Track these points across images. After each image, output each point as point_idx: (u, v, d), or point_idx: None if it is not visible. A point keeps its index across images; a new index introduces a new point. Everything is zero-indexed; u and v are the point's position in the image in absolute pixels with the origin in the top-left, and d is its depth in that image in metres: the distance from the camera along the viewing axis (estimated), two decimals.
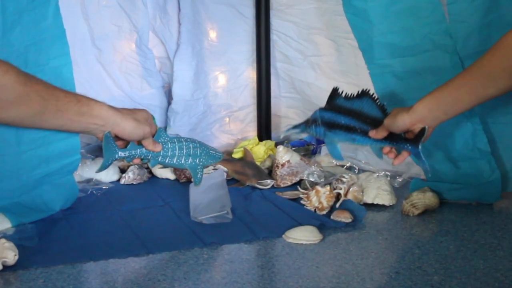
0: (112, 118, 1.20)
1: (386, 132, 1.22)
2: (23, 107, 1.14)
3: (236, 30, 1.92)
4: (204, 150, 1.28)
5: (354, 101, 1.25)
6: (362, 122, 1.24)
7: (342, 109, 1.25)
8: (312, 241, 1.23)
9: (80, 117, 1.18)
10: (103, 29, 1.76)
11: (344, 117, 1.25)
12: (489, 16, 1.32)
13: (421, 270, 1.10)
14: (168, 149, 1.24)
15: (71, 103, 1.17)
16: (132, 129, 1.21)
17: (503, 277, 1.06)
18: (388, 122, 1.20)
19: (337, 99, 1.26)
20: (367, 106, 1.24)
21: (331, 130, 1.25)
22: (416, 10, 1.38)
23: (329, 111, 1.26)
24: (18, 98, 1.13)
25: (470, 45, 1.35)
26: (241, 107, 1.97)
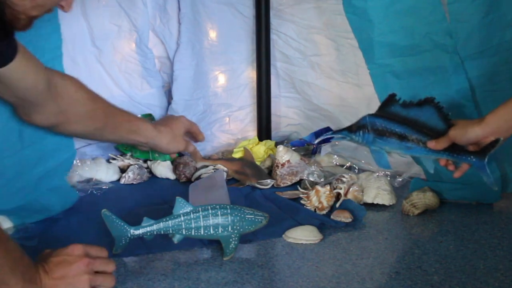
0: (153, 138, 1.41)
1: (448, 144, 1.16)
2: (89, 122, 1.30)
3: (236, 30, 1.92)
4: (238, 216, 1.14)
5: (412, 109, 1.19)
6: (419, 131, 1.18)
7: (396, 116, 1.19)
8: (312, 241, 1.23)
9: (129, 135, 1.39)
10: (103, 28, 1.75)
11: (398, 125, 1.19)
12: (489, 15, 1.32)
13: (421, 270, 1.10)
14: (190, 221, 1.11)
15: (125, 122, 1.37)
16: (167, 149, 1.46)
17: (503, 277, 1.06)
18: (455, 134, 1.14)
19: (392, 105, 1.20)
20: (428, 115, 1.18)
21: (382, 137, 1.19)
22: (416, 9, 1.38)
23: (381, 117, 1.20)
24: (86, 113, 1.29)
25: (470, 45, 1.35)
26: (241, 106, 1.97)
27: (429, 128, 1.18)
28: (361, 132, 1.21)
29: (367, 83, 1.58)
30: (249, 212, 1.16)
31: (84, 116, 1.29)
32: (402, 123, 1.19)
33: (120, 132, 1.37)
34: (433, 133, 1.17)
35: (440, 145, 1.17)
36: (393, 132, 1.19)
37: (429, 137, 1.17)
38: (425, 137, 1.18)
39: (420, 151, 1.19)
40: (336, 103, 1.85)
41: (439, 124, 1.17)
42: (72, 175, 1.57)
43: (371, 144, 1.21)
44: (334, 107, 1.86)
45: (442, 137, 1.16)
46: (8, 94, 1.17)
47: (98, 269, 0.99)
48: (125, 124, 1.37)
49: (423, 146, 1.18)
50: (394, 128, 1.19)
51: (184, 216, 1.11)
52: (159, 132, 1.41)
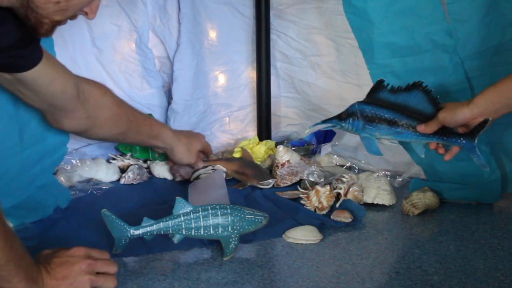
0: (171, 144, 1.47)
1: (438, 127, 1.17)
2: (114, 126, 1.34)
3: (236, 30, 1.92)
4: (237, 216, 1.13)
5: (401, 94, 1.20)
6: (408, 116, 1.19)
7: (385, 102, 1.20)
8: (312, 241, 1.23)
9: (150, 139, 1.45)
10: (103, 28, 1.75)
11: (387, 111, 1.20)
12: (489, 15, 1.32)
13: (421, 270, 1.10)
14: (190, 221, 1.11)
15: (146, 127, 1.42)
16: (181, 158, 1.52)
17: (503, 277, 1.06)
18: (444, 116, 1.16)
19: (380, 91, 1.22)
20: (416, 99, 1.19)
21: (372, 124, 1.20)
22: (416, 9, 1.37)
23: (370, 104, 1.21)
24: (111, 118, 1.32)
25: (470, 45, 1.35)
26: (241, 106, 1.97)
27: (418, 112, 1.18)
28: (350, 120, 1.21)
29: (367, 83, 1.58)
30: (249, 212, 1.15)
31: (109, 121, 1.33)
32: (391, 108, 1.19)
33: (141, 136, 1.42)
34: (422, 117, 1.18)
35: (429, 128, 1.17)
36: (383, 118, 1.19)
37: (419, 121, 1.18)
38: (415, 122, 1.18)
39: (410, 136, 1.19)
40: (336, 103, 1.85)
41: (428, 108, 1.18)
42: (72, 175, 1.57)
43: (361, 131, 1.21)
44: (334, 107, 1.85)
45: (431, 120, 1.17)
46: (36, 101, 1.20)
47: (100, 270, 0.99)
48: (146, 128, 1.42)
49: (412, 131, 1.18)
50: (384, 114, 1.19)
51: (184, 216, 1.11)
52: (178, 140, 1.48)
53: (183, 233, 1.12)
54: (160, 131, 1.45)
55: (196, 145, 1.53)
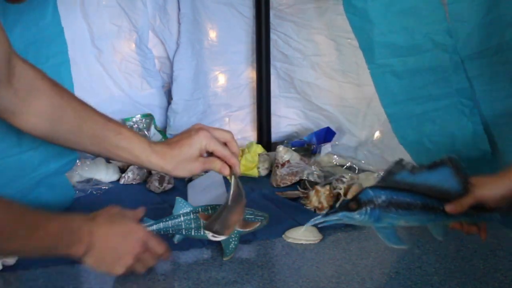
0: (150, 162, 1.10)
1: (471, 204, 1.02)
2: (57, 120, 1.09)
3: (236, 30, 1.92)
4: None
5: (423, 173, 1.03)
6: (432, 196, 1.03)
7: (403, 183, 1.02)
8: (312, 241, 1.22)
9: (118, 151, 1.10)
10: (103, 29, 1.76)
11: (407, 193, 1.02)
12: (489, 15, 1.32)
13: (421, 270, 1.10)
14: (190, 221, 1.09)
15: (109, 133, 1.10)
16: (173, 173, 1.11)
17: (503, 277, 1.06)
18: (483, 193, 1.01)
19: (398, 173, 1.02)
20: (441, 176, 1.03)
21: (391, 211, 1.01)
22: (416, 9, 1.37)
23: (385, 188, 1.01)
24: (49, 108, 1.08)
25: (470, 45, 1.35)
26: (240, 107, 1.97)
27: (442, 191, 1.02)
28: (367, 209, 0.99)
29: (367, 83, 1.58)
30: (249, 212, 1.15)
31: (46, 111, 1.07)
32: (411, 190, 1.02)
33: (104, 144, 1.10)
34: (445, 195, 1.03)
35: (461, 207, 1.02)
36: (404, 202, 1.01)
37: (444, 200, 1.03)
38: (440, 201, 1.03)
39: (437, 218, 1.04)
40: (336, 103, 1.85)
41: (454, 184, 1.02)
42: (72, 175, 1.57)
43: (378, 221, 1.02)
44: (334, 107, 1.86)
45: (462, 198, 1.02)
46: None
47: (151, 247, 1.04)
48: (110, 135, 1.09)
49: (439, 212, 1.03)
50: (404, 198, 1.01)
51: (184, 216, 1.11)
52: (161, 158, 1.09)
53: (183, 233, 1.12)
54: (133, 143, 1.09)
55: (191, 151, 1.09)
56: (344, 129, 1.84)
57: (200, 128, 1.10)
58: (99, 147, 1.10)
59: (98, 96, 1.79)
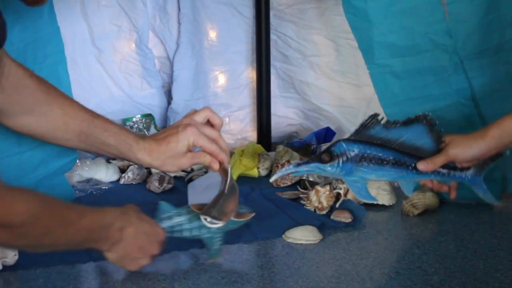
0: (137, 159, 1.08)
1: (443, 163, 1.03)
2: (43, 117, 1.07)
3: (236, 30, 1.92)
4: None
5: (397, 129, 1.03)
6: (404, 153, 1.03)
7: (376, 139, 1.02)
8: (312, 241, 1.22)
9: (105, 147, 1.09)
10: (103, 29, 1.76)
11: (380, 149, 1.02)
12: (489, 16, 1.32)
13: (421, 270, 1.10)
14: (176, 223, 1.08)
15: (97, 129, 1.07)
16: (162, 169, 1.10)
17: (503, 277, 1.06)
18: (457, 152, 1.03)
19: (372, 128, 1.02)
20: (415, 134, 1.03)
21: (363, 165, 1.01)
22: (416, 10, 1.38)
23: (358, 142, 1.02)
24: (39, 106, 1.07)
25: (470, 45, 1.35)
26: (240, 107, 1.97)
27: (415, 148, 1.03)
28: (338, 162, 1.00)
29: (367, 83, 1.58)
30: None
31: (34, 109, 1.06)
32: (384, 146, 1.03)
33: (91, 141, 1.08)
34: (420, 153, 1.04)
35: (433, 165, 1.03)
36: (376, 157, 1.02)
37: (417, 158, 1.03)
38: (412, 159, 1.03)
39: (408, 175, 1.04)
40: (335, 104, 1.86)
41: (428, 142, 1.04)
42: (72, 175, 1.57)
43: (349, 174, 1.02)
44: (333, 108, 1.86)
45: (435, 156, 1.03)
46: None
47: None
48: (98, 133, 1.07)
49: (411, 169, 1.03)
50: (377, 153, 1.02)
51: (169, 219, 1.08)
52: (148, 155, 1.07)
53: (173, 235, 1.09)
54: (120, 141, 1.07)
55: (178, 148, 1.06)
56: (344, 129, 1.84)
57: (188, 124, 1.08)
58: (86, 144, 1.09)
59: (98, 96, 1.79)
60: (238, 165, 1.70)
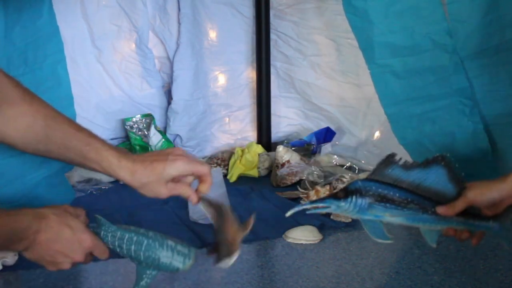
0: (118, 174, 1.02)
1: (463, 208, 0.98)
2: (26, 129, 1.04)
3: (236, 30, 1.92)
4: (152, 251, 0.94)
5: (416, 171, 0.99)
6: (424, 196, 0.99)
7: (394, 180, 0.99)
8: (312, 241, 1.22)
9: (84, 161, 1.04)
10: (103, 29, 1.76)
11: (398, 190, 0.98)
12: (489, 15, 1.32)
13: (421, 270, 1.10)
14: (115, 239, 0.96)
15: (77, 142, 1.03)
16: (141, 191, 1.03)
17: (503, 277, 1.06)
18: (475, 195, 0.97)
19: (390, 168, 0.99)
20: (435, 176, 0.99)
21: (380, 203, 0.98)
22: (416, 9, 1.38)
23: (376, 181, 0.99)
24: (22, 117, 1.03)
25: (470, 45, 1.35)
26: (240, 106, 1.97)
27: (436, 192, 0.99)
28: (352, 198, 0.97)
29: (367, 83, 1.58)
30: (166, 255, 0.95)
31: (17, 120, 1.04)
32: (403, 187, 0.99)
33: (73, 154, 1.04)
34: (440, 197, 0.99)
35: (453, 209, 0.98)
36: (393, 198, 0.99)
37: (436, 202, 0.99)
38: (432, 202, 0.99)
39: (426, 219, 1.00)
40: (336, 103, 1.86)
41: (448, 186, 0.99)
42: (72, 175, 1.57)
43: (365, 212, 0.99)
44: (334, 107, 1.86)
45: (454, 201, 0.98)
46: None
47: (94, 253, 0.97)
48: (80, 147, 1.04)
49: (431, 214, 0.99)
50: (394, 193, 0.99)
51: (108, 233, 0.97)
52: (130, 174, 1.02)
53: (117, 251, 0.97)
54: (101, 157, 1.02)
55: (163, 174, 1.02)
56: (344, 129, 1.84)
57: (180, 155, 1.03)
58: (68, 157, 1.05)
59: (98, 96, 1.79)
60: (238, 165, 1.70)
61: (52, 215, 0.95)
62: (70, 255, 0.95)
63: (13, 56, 1.24)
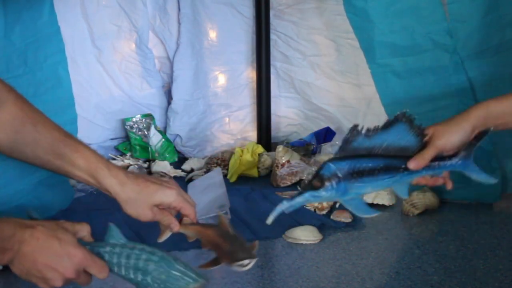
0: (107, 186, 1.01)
1: (433, 156, 0.98)
2: (15, 133, 1.01)
3: (236, 30, 1.92)
4: (162, 267, 0.90)
5: (379, 135, 0.97)
6: (393, 156, 0.97)
7: (362, 150, 0.96)
8: (312, 241, 1.22)
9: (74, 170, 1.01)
10: (103, 29, 1.76)
11: (369, 159, 0.96)
12: (489, 15, 1.32)
13: (421, 270, 1.10)
14: (114, 255, 0.92)
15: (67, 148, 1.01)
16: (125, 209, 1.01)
17: (503, 277, 1.06)
18: (443, 143, 0.98)
19: (354, 140, 0.96)
20: (396, 134, 0.98)
21: (357, 180, 0.95)
22: (417, 9, 1.38)
23: (346, 159, 0.95)
24: (12, 121, 1.01)
25: (470, 45, 1.35)
26: (240, 107, 1.97)
27: (401, 149, 0.98)
28: (331, 185, 0.93)
29: (367, 83, 1.58)
30: (181, 269, 0.92)
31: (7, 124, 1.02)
32: (371, 155, 0.97)
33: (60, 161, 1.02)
34: (405, 152, 0.98)
35: (424, 160, 0.97)
36: (367, 169, 0.96)
37: (405, 158, 0.98)
38: (401, 160, 0.98)
39: (402, 178, 0.98)
40: (336, 103, 1.86)
41: (411, 139, 0.98)
42: None
43: (345, 194, 0.95)
44: (334, 107, 1.86)
45: (423, 151, 0.98)
46: None
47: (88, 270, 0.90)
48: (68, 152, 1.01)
49: (403, 171, 0.97)
50: (367, 164, 0.96)
51: (110, 247, 0.94)
52: (119, 184, 1.00)
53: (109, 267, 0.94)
54: (90, 164, 1.00)
55: (153, 196, 1.01)
56: (344, 129, 1.84)
57: (174, 186, 1.03)
58: (55, 164, 1.02)
59: (98, 96, 1.79)
60: (238, 165, 1.70)
61: (39, 226, 0.89)
62: (59, 270, 0.88)
63: (13, 56, 1.24)
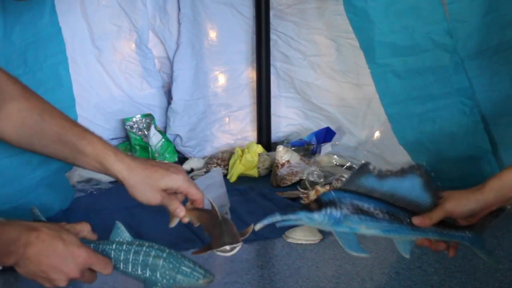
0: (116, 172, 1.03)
1: (440, 218, 0.95)
2: (22, 124, 1.04)
3: (236, 30, 1.92)
4: (171, 263, 0.91)
5: (391, 179, 0.95)
6: (399, 206, 0.95)
7: (369, 189, 0.95)
8: (312, 241, 1.22)
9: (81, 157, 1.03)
10: (103, 29, 1.76)
11: (373, 200, 0.95)
12: (489, 15, 1.32)
13: (421, 270, 1.09)
14: (121, 252, 0.93)
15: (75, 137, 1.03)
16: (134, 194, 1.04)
17: (503, 277, 1.06)
18: (453, 206, 0.94)
19: (364, 177, 0.95)
20: (410, 186, 0.95)
21: (355, 215, 0.94)
22: (417, 9, 1.38)
23: (350, 192, 0.94)
24: (18, 112, 1.03)
25: (470, 45, 1.35)
26: (240, 107, 1.97)
27: (410, 202, 0.95)
28: (327, 210, 0.92)
29: (367, 83, 1.58)
30: (190, 265, 0.94)
31: (14, 115, 1.03)
32: (378, 197, 0.95)
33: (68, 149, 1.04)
34: (414, 207, 0.96)
35: (429, 221, 0.95)
36: (368, 209, 0.94)
37: (411, 213, 0.96)
38: (407, 213, 0.95)
39: (402, 231, 0.96)
40: (336, 103, 1.85)
41: (423, 196, 0.95)
42: (72, 175, 1.57)
43: (339, 224, 0.94)
44: (334, 107, 1.86)
45: (431, 211, 0.95)
46: None
47: (93, 268, 0.92)
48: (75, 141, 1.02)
49: (406, 224, 0.95)
50: (369, 204, 0.94)
51: (117, 245, 0.95)
52: (127, 169, 1.02)
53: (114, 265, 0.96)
54: (97, 151, 1.02)
55: (160, 181, 1.03)
56: (344, 129, 1.84)
57: (182, 171, 1.04)
58: (63, 152, 1.04)
59: (98, 96, 1.79)
60: (238, 165, 1.70)
61: (44, 228, 0.90)
62: (64, 270, 0.89)
63: (12, 56, 1.24)
